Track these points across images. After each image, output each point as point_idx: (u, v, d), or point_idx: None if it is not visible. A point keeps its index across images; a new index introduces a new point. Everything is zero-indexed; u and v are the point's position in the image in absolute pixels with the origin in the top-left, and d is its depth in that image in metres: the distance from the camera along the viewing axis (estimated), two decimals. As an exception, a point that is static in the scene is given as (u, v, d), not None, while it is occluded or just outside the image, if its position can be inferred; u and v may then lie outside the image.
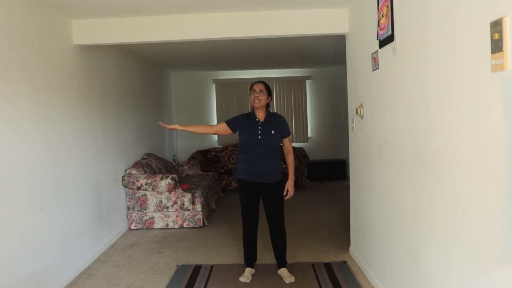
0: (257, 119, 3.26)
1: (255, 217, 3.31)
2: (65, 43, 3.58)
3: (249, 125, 3.25)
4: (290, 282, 3.20)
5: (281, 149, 3.36)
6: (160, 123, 3.37)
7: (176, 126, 3.26)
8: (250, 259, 3.39)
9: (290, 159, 3.35)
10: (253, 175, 3.23)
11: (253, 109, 3.31)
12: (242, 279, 3.26)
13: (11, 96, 2.74)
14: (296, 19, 3.64)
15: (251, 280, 3.26)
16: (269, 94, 3.29)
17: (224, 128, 3.32)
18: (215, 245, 4.21)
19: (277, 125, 3.27)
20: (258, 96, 3.22)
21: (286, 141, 3.35)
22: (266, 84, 3.30)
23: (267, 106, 3.31)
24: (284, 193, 3.29)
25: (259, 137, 3.21)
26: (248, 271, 3.34)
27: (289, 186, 3.29)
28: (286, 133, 3.33)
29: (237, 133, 3.33)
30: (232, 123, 3.32)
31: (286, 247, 3.39)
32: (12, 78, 2.76)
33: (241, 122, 3.30)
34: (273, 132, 3.24)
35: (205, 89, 8.15)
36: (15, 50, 2.81)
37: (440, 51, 1.90)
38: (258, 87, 3.25)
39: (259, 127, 3.23)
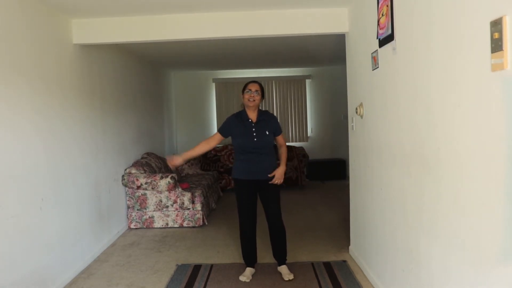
0: (249, 120, 3.26)
1: (253, 216, 3.31)
2: (64, 42, 3.58)
3: (242, 127, 3.25)
4: (289, 280, 3.20)
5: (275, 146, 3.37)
6: (168, 161, 3.28)
7: (179, 160, 3.21)
8: (250, 260, 3.38)
9: (283, 150, 3.35)
10: (251, 174, 3.23)
11: (244, 108, 3.31)
12: (242, 278, 3.26)
13: (10, 97, 2.74)
14: (296, 19, 3.64)
15: (250, 280, 3.26)
16: (263, 95, 3.31)
17: (220, 138, 3.32)
18: (215, 245, 4.21)
19: (269, 125, 3.29)
20: (253, 96, 3.22)
21: (279, 138, 3.38)
22: (261, 85, 3.32)
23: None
24: (270, 175, 3.21)
25: (255, 139, 3.21)
26: (249, 270, 3.34)
27: (278, 172, 3.22)
28: (278, 131, 3.35)
29: None
30: (223, 131, 3.31)
31: (285, 244, 3.39)
32: (11, 78, 2.75)
33: (232, 126, 3.29)
34: (267, 132, 3.25)
35: (204, 88, 8.15)
36: (14, 50, 2.80)
37: (439, 50, 1.90)
38: (254, 87, 3.25)
39: (253, 129, 3.23)
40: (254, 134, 3.22)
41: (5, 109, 2.67)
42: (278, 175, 3.23)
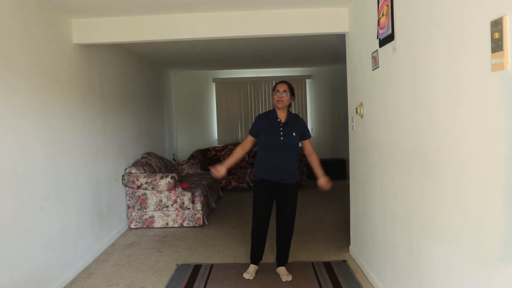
0: (278, 120, 3.25)
1: (267, 217, 3.29)
2: (64, 42, 3.58)
3: (270, 125, 3.24)
4: (287, 281, 3.20)
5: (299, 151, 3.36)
6: (213, 172, 3.24)
7: (223, 169, 3.21)
8: (256, 257, 3.38)
9: (314, 160, 3.34)
10: (273, 175, 3.21)
11: (273, 108, 3.31)
12: (245, 275, 3.27)
13: (10, 97, 2.73)
14: (296, 18, 3.64)
15: (253, 277, 3.26)
16: (292, 94, 3.28)
17: (253, 140, 3.33)
18: (215, 244, 4.21)
19: (297, 127, 3.27)
20: (281, 97, 3.20)
21: (307, 143, 3.34)
22: (289, 84, 3.29)
23: (289, 106, 3.31)
24: (322, 183, 3.25)
25: (281, 138, 3.20)
26: (253, 268, 3.34)
27: (324, 180, 3.25)
28: (306, 135, 3.32)
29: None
30: (253, 132, 3.31)
31: (289, 248, 3.40)
32: (11, 78, 2.75)
33: (260, 124, 3.28)
34: (294, 134, 3.23)
35: (205, 88, 8.14)
36: (13, 50, 2.80)
37: (440, 50, 1.90)
38: (282, 88, 3.23)
39: (281, 128, 3.22)
40: (281, 133, 3.20)
41: (5, 110, 2.67)
42: (327, 184, 3.25)
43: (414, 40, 2.21)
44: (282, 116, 3.26)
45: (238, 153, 3.33)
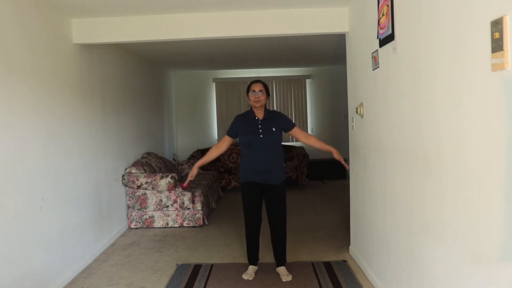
0: (256, 117, 3.26)
1: (258, 218, 3.30)
2: (64, 42, 3.58)
3: (248, 125, 3.25)
4: (287, 281, 3.20)
5: (284, 149, 3.36)
6: (182, 185, 3.39)
7: (194, 170, 3.30)
8: (253, 258, 3.39)
9: (315, 141, 3.42)
10: (258, 176, 3.21)
11: (251, 108, 3.31)
12: (245, 276, 3.27)
13: (9, 97, 2.73)
14: (296, 18, 3.64)
15: (253, 278, 3.26)
16: (268, 93, 3.30)
17: (230, 140, 3.36)
18: (215, 244, 4.21)
19: (277, 121, 3.27)
20: (258, 97, 3.21)
21: (297, 132, 3.35)
22: (264, 84, 3.31)
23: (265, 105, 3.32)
24: (337, 155, 3.28)
25: (261, 136, 3.20)
26: (252, 269, 3.35)
27: (338, 155, 3.28)
28: (290, 125, 3.33)
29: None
30: (231, 133, 3.34)
31: (286, 246, 3.39)
32: (10, 78, 2.75)
33: (239, 124, 3.30)
34: (274, 129, 3.23)
35: (205, 88, 8.15)
36: (13, 50, 2.80)
37: (440, 50, 1.90)
38: (258, 87, 3.24)
39: (259, 126, 3.23)
40: (260, 130, 3.21)
41: (4, 110, 2.67)
42: (339, 157, 3.27)
43: (414, 40, 2.21)
44: (259, 114, 3.28)
45: (212, 154, 3.36)
